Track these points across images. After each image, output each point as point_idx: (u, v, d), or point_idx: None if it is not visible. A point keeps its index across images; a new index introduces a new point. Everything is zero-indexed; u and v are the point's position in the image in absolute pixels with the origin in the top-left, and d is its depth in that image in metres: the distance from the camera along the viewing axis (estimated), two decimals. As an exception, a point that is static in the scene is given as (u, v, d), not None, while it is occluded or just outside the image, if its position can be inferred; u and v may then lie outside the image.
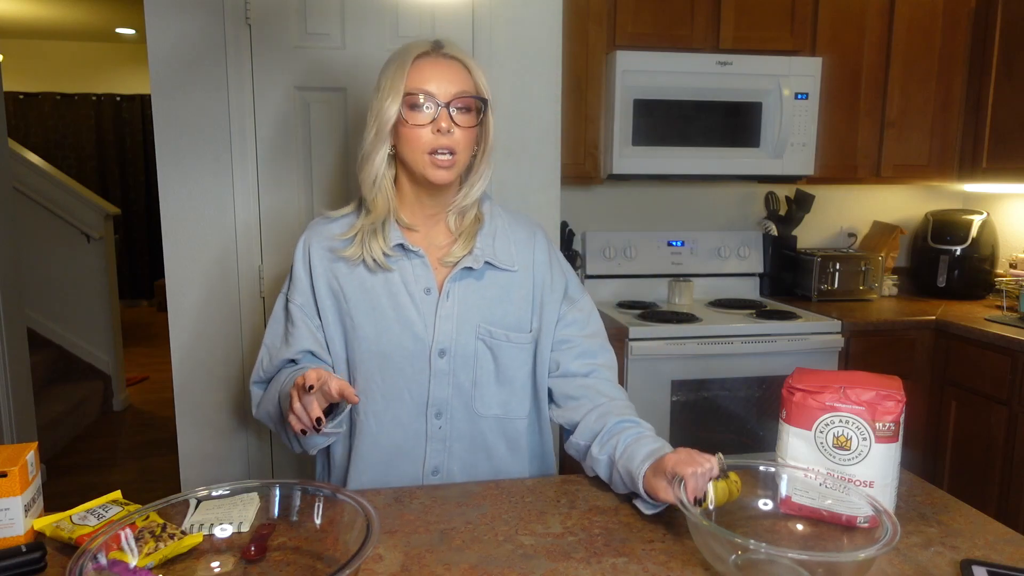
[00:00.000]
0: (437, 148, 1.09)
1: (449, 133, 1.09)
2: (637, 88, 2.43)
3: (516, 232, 1.23)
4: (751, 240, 2.92)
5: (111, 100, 7.05)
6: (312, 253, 1.18)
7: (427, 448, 1.18)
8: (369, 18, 1.93)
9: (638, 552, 0.92)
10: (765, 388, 2.40)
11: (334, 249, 1.17)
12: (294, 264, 1.20)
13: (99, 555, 0.74)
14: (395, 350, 1.15)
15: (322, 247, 1.18)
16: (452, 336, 1.15)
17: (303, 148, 1.94)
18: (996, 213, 2.93)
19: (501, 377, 1.20)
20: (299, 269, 1.19)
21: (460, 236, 1.19)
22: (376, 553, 0.91)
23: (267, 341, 1.21)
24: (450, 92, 1.09)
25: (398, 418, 1.17)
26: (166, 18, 1.82)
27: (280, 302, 1.22)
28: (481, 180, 1.18)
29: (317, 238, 1.19)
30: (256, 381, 1.22)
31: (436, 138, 1.08)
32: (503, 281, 1.19)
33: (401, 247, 1.16)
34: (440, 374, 1.16)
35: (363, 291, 1.15)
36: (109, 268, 4.25)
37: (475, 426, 1.20)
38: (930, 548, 0.93)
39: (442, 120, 1.08)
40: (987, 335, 2.30)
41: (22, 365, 2.84)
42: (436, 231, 1.21)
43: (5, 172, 2.81)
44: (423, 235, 1.19)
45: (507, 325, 1.19)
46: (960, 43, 2.72)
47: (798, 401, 1.00)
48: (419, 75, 1.09)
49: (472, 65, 1.12)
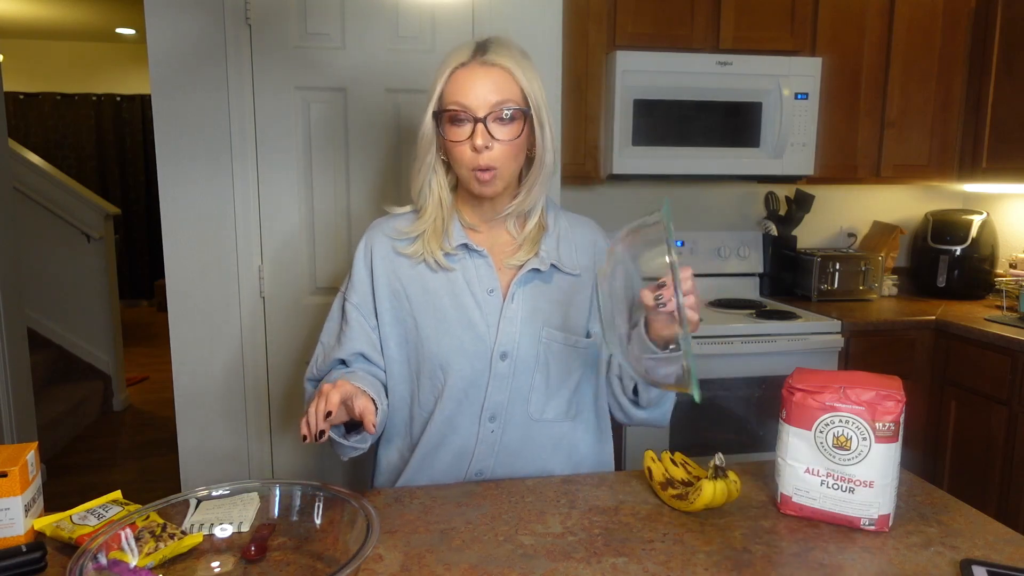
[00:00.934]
0: (476, 167, 1.06)
1: (487, 149, 1.04)
2: (637, 88, 2.43)
3: (578, 236, 1.21)
4: (751, 240, 2.91)
5: (111, 100, 7.05)
6: (375, 252, 1.17)
7: (475, 451, 1.17)
8: (369, 18, 1.93)
9: (638, 552, 0.92)
10: (765, 388, 2.40)
11: (396, 247, 1.16)
12: (354, 263, 1.18)
13: (99, 555, 0.75)
14: (455, 351, 1.13)
15: (384, 246, 1.17)
16: (515, 339, 1.13)
17: (303, 148, 1.94)
18: (996, 213, 2.93)
19: (560, 381, 1.18)
20: (359, 268, 1.17)
21: (524, 242, 1.16)
22: (376, 553, 0.91)
23: (323, 339, 1.20)
24: (488, 103, 1.04)
25: (452, 420, 1.15)
26: (166, 18, 1.82)
27: (338, 301, 1.20)
28: (539, 185, 1.13)
29: (380, 237, 1.18)
30: (309, 378, 1.21)
31: (474, 157, 1.05)
32: (567, 285, 1.18)
33: (465, 247, 1.15)
34: (499, 377, 1.14)
35: (425, 291, 1.14)
36: (109, 268, 4.25)
37: (527, 431, 1.17)
38: (930, 548, 0.93)
39: (478, 136, 1.03)
40: (987, 335, 2.30)
41: (22, 365, 2.84)
42: (498, 233, 1.18)
43: (5, 172, 2.81)
44: (485, 236, 1.18)
45: (570, 329, 1.17)
46: (960, 43, 2.72)
47: (798, 401, 1.00)
48: (455, 88, 1.05)
49: (517, 68, 1.06)
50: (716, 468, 1.02)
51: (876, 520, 0.97)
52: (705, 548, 0.93)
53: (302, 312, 1.99)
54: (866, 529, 0.97)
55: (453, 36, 1.97)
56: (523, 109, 1.07)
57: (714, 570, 0.87)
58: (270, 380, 2.00)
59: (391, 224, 1.19)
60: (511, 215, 1.16)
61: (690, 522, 1.00)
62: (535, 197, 1.15)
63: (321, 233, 1.99)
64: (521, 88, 1.07)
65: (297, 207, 1.96)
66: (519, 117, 1.06)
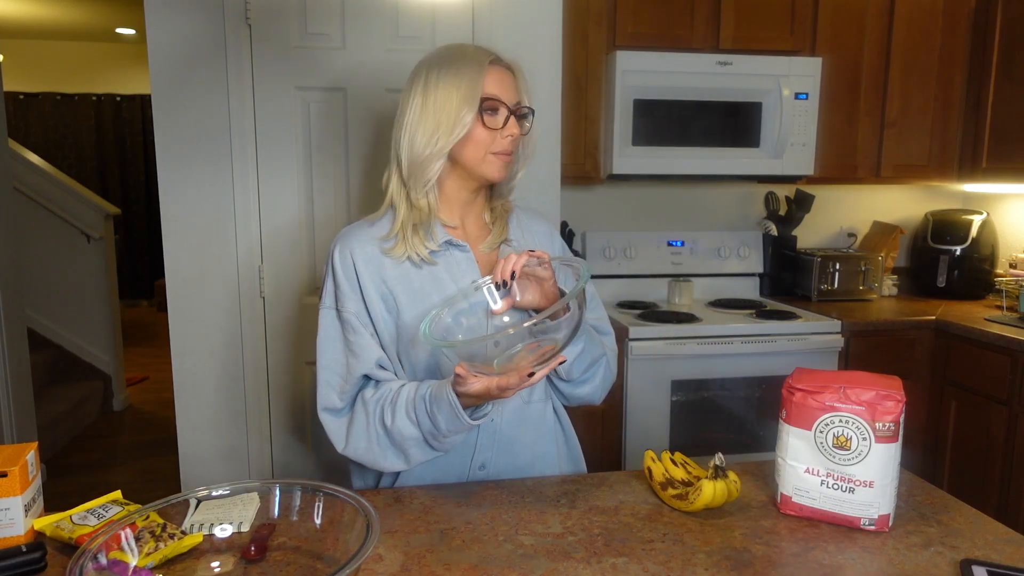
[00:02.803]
0: (501, 151, 1.15)
1: (512, 137, 1.16)
2: (637, 88, 2.43)
3: (535, 225, 1.31)
4: (751, 240, 2.91)
5: (111, 100, 7.05)
6: (356, 258, 1.16)
7: (478, 441, 1.19)
8: (369, 18, 1.93)
9: (638, 552, 0.92)
10: (765, 388, 2.40)
11: (380, 248, 1.17)
12: (335, 274, 1.16)
13: (99, 555, 0.74)
14: None
15: (365, 251, 1.16)
16: None
17: (303, 148, 1.95)
18: (996, 213, 2.93)
19: None
20: (341, 278, 1.16)
21: (494, 223, 1.25)
22: (376, 553, 0.91)
23: (325, 363, 1.15)
24: (512, 100, 1.15)
25: None
26: (166, 18, 1.82)
27: (328, 317, 1.17)
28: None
29: (358, 243, 1.17)
30: (330, 409, 1.14)
31: (502, 141, 1.15)
32: None
33: (448, 242, 1.19)
34: None
35: (410, 289, 1.16)
36: (109, 268, 4.25)
37: (521, 415, 1.21)
38: (930, 548, 0.93)
39: (513, 125, 1.15)
40: (987, 335, 2.30)
41: (22, 365, 2.84)
42: (472, 223, 1.24)
43: (5, 172, 2.81)
44: (462, 230, 1.23)
45: None
46: (960, 43, 2.72)
47: (798, 401, 1.00)
48: (493, 81, 1.14)
49: (523, 78, 1.19)
50: (716, 468, 1.02)
51: (876, 520, 0.97)
52: (705, 548, 0.93)
53: (302, 312, 1.99)
54: (866, 529, 0.97)
55: (453, 36, 1.97)
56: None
57: (714, 570, 0.87)
58: (270, 380, 2.00)
59: (369, 230, 1.19)
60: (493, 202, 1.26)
61: (690, 522, 1.00)
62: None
63: (321, 233, 1.99)
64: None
65: (297, 207, 1.96)
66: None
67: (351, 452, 1.12)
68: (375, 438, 1.10)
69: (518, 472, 1.21)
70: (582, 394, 1.25)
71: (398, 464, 1.11)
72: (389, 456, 1.10)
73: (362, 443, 1.11)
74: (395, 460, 1.11)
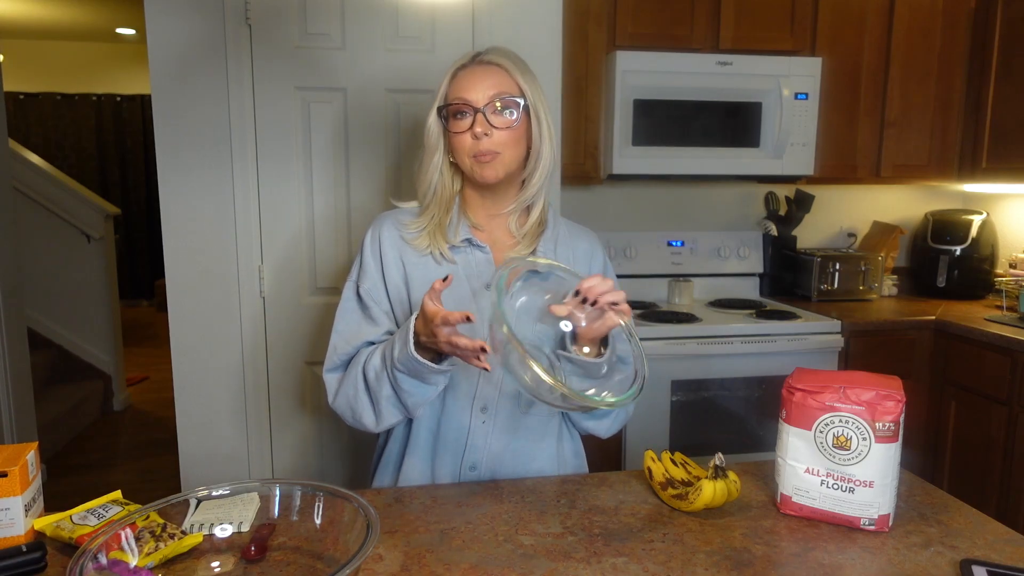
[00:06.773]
0: (477, 152, 1.13)
1: (486, 136, 1.12)
2: (637, 88, 2.43)
3: (577, 243, 1.27)
4: (751, 240, 2.91)
5: (111, 100, 7.05)
6: (383, 241, 1.21)
7: (468, 442, 1.19)
8: (369, 18, 1.93)
9: (638, 552, 0.92)
10: (765, 388, 2.40)
11: (404, 236, 1.20)
12: (363, 252, 1.23)
13: (99, 555, 0.74)
14: None
15: (392, 235, 1.21)
16: None
17: (303, 148, 1.94)
18: (996, 213, 2.93)
19: None
20: (368, 257, 1.22)
21: (523, 238, 1.22)
22: (376, 553, 0.91)
23: (339, 328, 1.22)
24: (487, 95, 1.12)
25: (448, 409, 1.19)
26: (166, 18, 1.82)
27: (349, 290, 1.23)
28: (538, 178, 1.19)
29: (388, 227, 1.22)
30: (331, 369, 1.21)
31: (475, 144, 1.13)
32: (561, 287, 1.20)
33: (468, 241, 1.20)
34: None
35: (427, 282, 1.18)
36: (109, 268, 4.25)
37: (515, 424, 1.21)
38: (930, 548, 0.93)
39: (478, 125, 1.12)
40: (987, 335, 2.30)
41: (22, 365, 2.84)
42: (500, 232, 1.24)
43: (5, 172, 2.81)
44: (488, 234, 1.23)
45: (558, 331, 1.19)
46: (960, 43, 2.72)
47: (798, 401, 1.00)
48: (457, 85, 1.14)
49: (513, 68, 1.15)
50: (716, 468, 1.02)
51: (876, 520, 0.97)
52: (705, 548, 0.93)
53: (302, 312, 1.99)
54: (866, 529, 0.97)
55: (453, 36, 1.97)
56: (518, 99, 1.14)
57: (714, 570, 0.87)
58: (270, 380, 2.00)
59: (398, 216, 1.24)
60: (514, 211, 1.22)
61: (690, 522, 1.00)
62: (535, 187, 1.20)
63: (321, 233, 1.99)
64: (516, 82, 1.15)
65: (297, 207, 1.96)
66: (515, 107, 1.14)
67: (338, 404, 1.18)
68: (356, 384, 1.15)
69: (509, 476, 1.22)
70: (588, 427, 1.26)
71: (368, 419, 1.14)
72: (364, 408, 1.14)
73: (349, 392, 1.16)
74: (368, 413, 1.14)
